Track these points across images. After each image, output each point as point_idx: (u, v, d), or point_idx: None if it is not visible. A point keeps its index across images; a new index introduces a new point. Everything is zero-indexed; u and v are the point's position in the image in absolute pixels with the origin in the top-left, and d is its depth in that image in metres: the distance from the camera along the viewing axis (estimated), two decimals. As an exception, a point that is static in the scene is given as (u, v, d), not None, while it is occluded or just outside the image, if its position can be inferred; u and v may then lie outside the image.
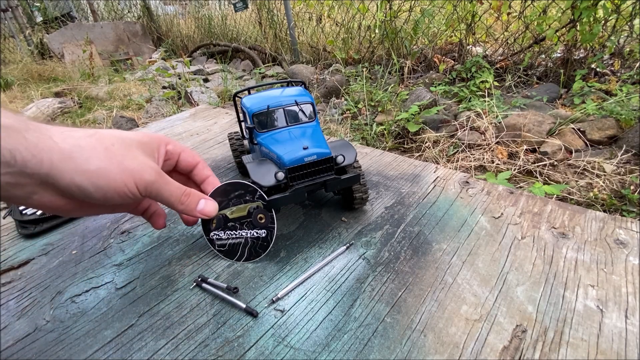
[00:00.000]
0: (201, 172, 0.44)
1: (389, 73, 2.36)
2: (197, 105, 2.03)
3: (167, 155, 0.41)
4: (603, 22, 1.80)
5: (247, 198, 0.46)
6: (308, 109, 0.52)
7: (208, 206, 0.41)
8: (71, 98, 2.80)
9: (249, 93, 0.58)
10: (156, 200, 0.38)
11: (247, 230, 0.46)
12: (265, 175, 0.45)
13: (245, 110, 0.54)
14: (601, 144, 1.37)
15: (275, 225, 0.46)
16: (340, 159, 0.48)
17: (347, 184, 0.49)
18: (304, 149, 0.45)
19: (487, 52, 2.38)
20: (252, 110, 0.51)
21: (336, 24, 3.02)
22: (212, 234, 0.46)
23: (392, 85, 2.13)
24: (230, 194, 0.46)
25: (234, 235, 0.47)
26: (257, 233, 0.46)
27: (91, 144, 0.33)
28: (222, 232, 0.46)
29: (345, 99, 2.12)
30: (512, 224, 0.50)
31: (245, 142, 0.66)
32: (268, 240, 0.46)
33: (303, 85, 0.59)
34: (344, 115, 2.00)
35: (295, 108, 0.52)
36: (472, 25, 2.28)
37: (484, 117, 1.58)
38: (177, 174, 0.44)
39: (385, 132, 1.71)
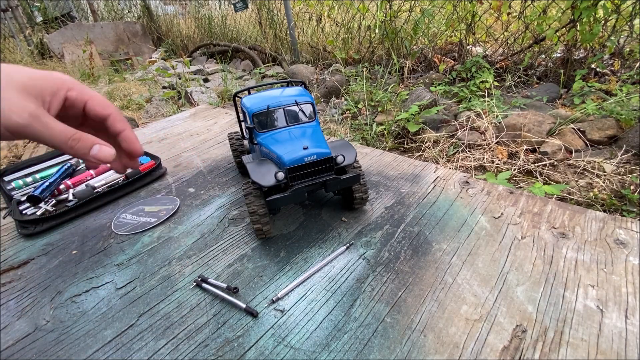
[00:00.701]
0: (113, 125, 0.40)
1: (389, 73, 2.36)
2: (197, 105, 2.03)
3: (68, 102, 0.37)
4: (603, 22, 1.80)
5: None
6: (308, 109, 0.52)
7: (103, 152, 0.37)
8: (71, 98, 2.80)
9: (249, 93, 0.58)
10: (41, 143, 0.36)
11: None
12: (265, 175, 0.45)
13: (245, 110, 0.54)
14: (601, 144, 1.37)
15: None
16: (340, 159, 0.48)
17: (347, 184, 0.49)
18: (304, 149, 0.45)
19: (487, 52, 2.38)
20: (252, 110, 0.51)
21: (336, 24, 3.02)
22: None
23: (392, 85, 2.13)
24: None
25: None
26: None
27: None
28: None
29: (345, 99, 2.12)
30: (512, 224, 0.50)
31: (245, 142, 0.66)
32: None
33: (303, 85, 0.59)
34: (344, 115, 2.00)
35: (295, 108, 0.52)
36: (472, 25, 2.28)
37: (484, 117, 1.58)
38: (91, 126, 0.41)
39: (385, 132, 1.71)
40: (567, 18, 1.87)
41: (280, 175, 0.45)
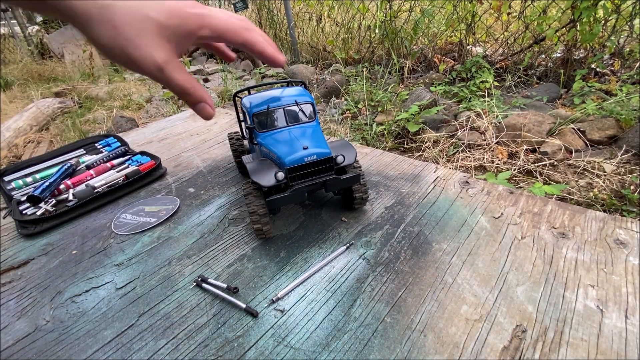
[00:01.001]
0: (251, 51, 0.41)
1: (389, 73, 2.37)
2: (197, 105, 2.02)
3: (201, 41, 0.39)
4: (603, 22, 1.80)
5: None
6: (308, 109, 0.52)
7: (204, 111, 0.40)
8: (71, 98, 2.80)
9: (249, 93, 0.58)
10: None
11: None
12: (265, 175, 0.45)
13: (246, 110, 0.54)
14: (601, 144, 1.37)
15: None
16: (340, 159, 0.48)
17: (347, 184, 0.49)
18: (304, 149, 0.45)
19: (487, 52, 2.38)
20: (252, 110, 0.51)
21: (336, 24, 3.02)
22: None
23: (392, 85, 2.13)
24: None
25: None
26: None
27: (102, 18, 0.32)
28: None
29: (345, 99, 2.12)
30: (512, 224, 0.50)
31: (245, 142, 0.66)
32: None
33: (303, 85, 0.59)
34: (344, 115, 2.00)
35: (295, 108, 0.52)
36: (472, 25, 2.28)
37: (484, 117, 1.58)
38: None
39: (385, 132, 1.72)
40: (567, 18, 1.87)
41: (280, 175, 0.45)
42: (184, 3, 0.36)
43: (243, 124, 0.62)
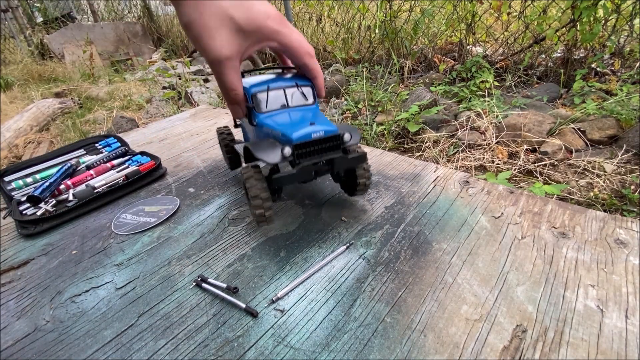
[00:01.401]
0: (305, 73, 0.48)
1: (389, 73, 2.36)
2: (197, 105, 2.03)
3: (267, 48, 0.43)
4: (603, 21, 1.80)
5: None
6: (308, 91, 0.51)
7: (237, 111, 0.47)
8: (71, 98, 2.81)
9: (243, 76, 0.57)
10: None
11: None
12: (271, 153, 0.43)
13: (245, 91, 0.53)
14: (601, 144, 1.37)
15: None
16: (347, 136, 0.46)
17: (354, 163, 0.48)
18: (311, 124, 0.44)
19: (487, 52, 2.38)
20: (252, 90, 0.50)
21: (336, 24, 3.02)
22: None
23: (392, 85, 2.13)
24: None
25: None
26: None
27: (193, 4, 0.37)
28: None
29: (345, 99, 2.12)
30: (512, 224, 0.50)
31: (237, 130, 0.64)
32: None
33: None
34: (344, 115, 2.00)
35: (296, 90, 0.51)
36: (472, 25, 2.28)
37: (484, 117, 1.58)
38: None
39: (385, 132, 1.72)
40: (567, 18, 1.87)
41: (288, 150, 0.42)
42: (267, 14, 0.40)
43: None
